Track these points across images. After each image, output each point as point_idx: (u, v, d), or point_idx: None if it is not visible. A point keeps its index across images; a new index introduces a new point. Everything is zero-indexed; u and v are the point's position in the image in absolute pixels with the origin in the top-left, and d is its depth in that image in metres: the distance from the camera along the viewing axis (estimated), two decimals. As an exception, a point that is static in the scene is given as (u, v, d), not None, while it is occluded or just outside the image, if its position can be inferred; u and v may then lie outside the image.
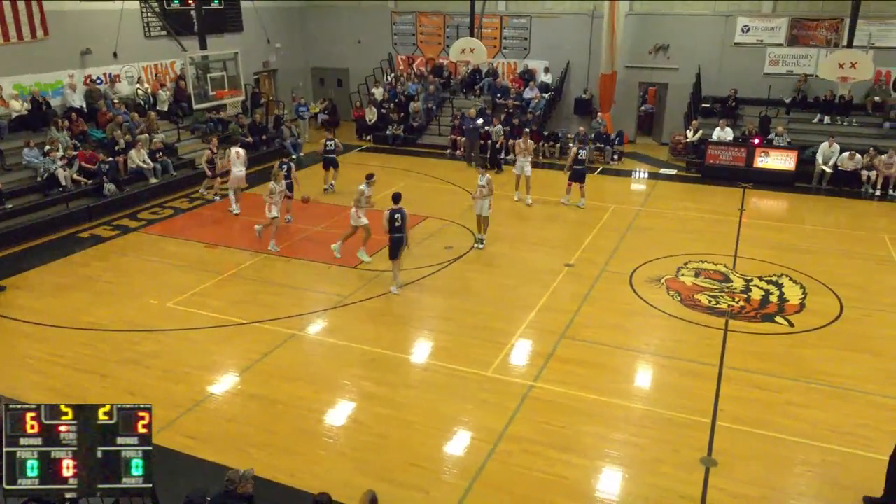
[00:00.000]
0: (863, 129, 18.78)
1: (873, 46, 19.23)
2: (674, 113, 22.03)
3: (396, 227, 11.14)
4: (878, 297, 11.33)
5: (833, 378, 8.90)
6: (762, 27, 20.72)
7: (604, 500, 6.83)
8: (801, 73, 20.32)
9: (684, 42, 21.42)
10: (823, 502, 6.78)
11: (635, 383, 9.00)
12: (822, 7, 19.99)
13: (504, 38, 23.81)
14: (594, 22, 21.90)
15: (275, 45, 24.72)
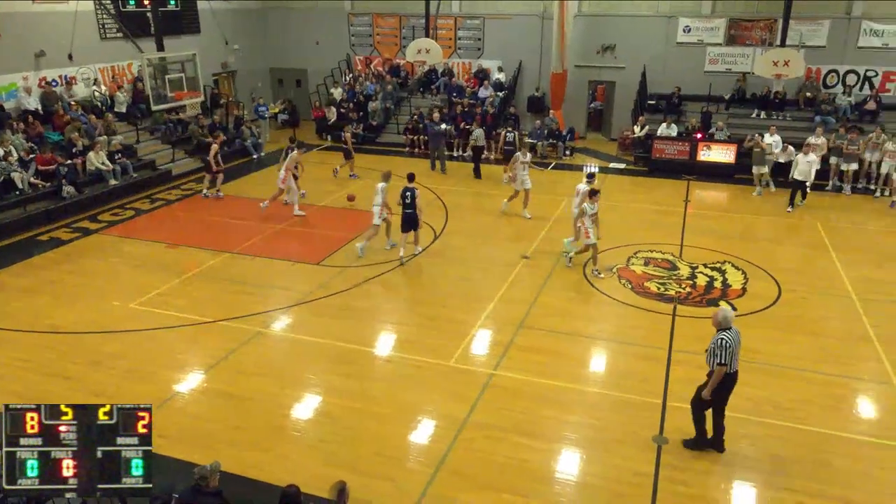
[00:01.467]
0: (796, 122, 19.36)
1: (804, 45, 19.86)
2: (621, 110, 22.37)
3: (407, 203, 11.99)
4: (813, 281, 11.74)
5: (773, 357, 9.20)
6: (702, 27, 21.18)
7: (564, 481, 6.93)
8: (738, 70, 20.84)
9: (630, 42, 21.76)
10: (765, 473, 7.01)
11: (591, 368, 9.15)
12: (756, 8, 20.53)
13: (458, 38, 23.82)
14: (544, 23, 22.07)
15: (233, 46, 24.22)
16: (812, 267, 12.42)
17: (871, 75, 20.02)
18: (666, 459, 7.17)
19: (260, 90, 25.22)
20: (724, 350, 6.70)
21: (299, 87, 26.21)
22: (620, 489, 6.76)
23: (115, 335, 9.75)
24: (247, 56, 25.05)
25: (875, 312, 10.48)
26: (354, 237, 13.59)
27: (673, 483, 6.83)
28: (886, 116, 19.04)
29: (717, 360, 6.76)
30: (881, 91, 19.85)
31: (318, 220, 14.90)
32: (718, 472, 7.01)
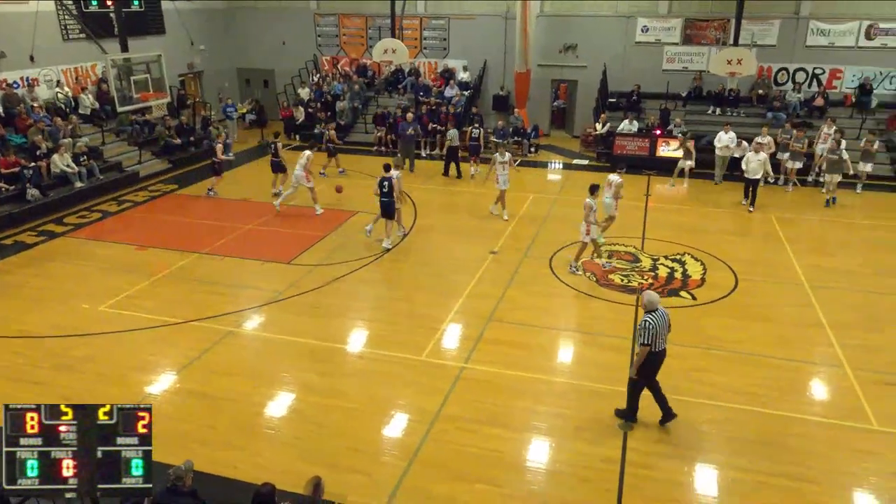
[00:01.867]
0: (749, 118, 19.80)
1: (756, 44, 20.32)
2: (584, 108, 22.59)
3: (384, 192, 12.44)
4: (768, 270, 12.04)
5: (731, 344, 9.41)
6: (659, 27, 21.50)
7: (534, 469, 7.00)
8: (695, 69, 21.21)
9: (591, 42, 21.97)
10: (725, 455, 7.17)
11: (558, 359, 9.24)
12: (710, 8, 20.90)
13: (424, 38, 23.77)
14: (508, 23, 22.15)
15: (199, 46, 23.79)
16: (767, 257, 12.73)
17: (818, 73, 20.58)
18: (632, 445, 7.29)
19: (227, 90, 24.83)
20: (647, 331, 7.01)
21: (267, 87, 25.87)
22: (588, 475, 6.85)
23: (85, 338, 9.52)
24: (213, 56, 24.63)
25: (825, 299, 10.80)
26: (325, 235, 13.51)
27: (638, 467, 6.95)
28: (833, 112, 19.60)
29: (641, 340, 7.08)
30: (828, 88, 20.43)
31: (288, 219, 14.74)
32: (682, 455, 7.15)
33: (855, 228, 14.48)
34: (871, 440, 7.40)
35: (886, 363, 8.92)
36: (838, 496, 6.59)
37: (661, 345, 7.19)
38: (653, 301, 7.21)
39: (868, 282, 11.52)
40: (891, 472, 6.90)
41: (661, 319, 7.13)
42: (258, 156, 20.60)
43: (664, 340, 7.22)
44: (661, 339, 7.15)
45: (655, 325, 7.04)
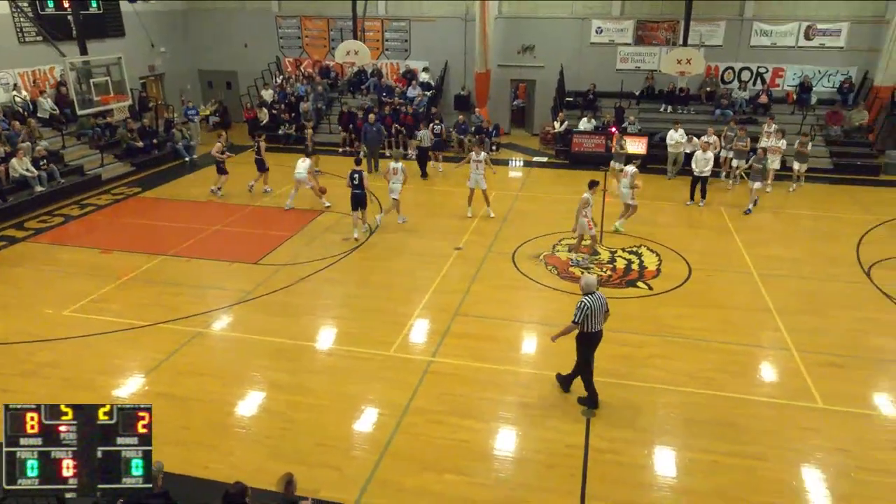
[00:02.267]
0: (699, 115, 20.23)
1: (704, 45, 20.78)
2: (542, 107, 22.77)
3: (355, 184, 12.82)
4: (719, 261, 12.34)
5: (686, 331, 9.63)
6: (613, 28, 21.79)
7: (501, 458, 7.05)
8: (647, 69, 21.57)
9: (548, 43, 22.16)
10: (683, 437, 7.34)
11: (522, 350, 9.32)
12: (661, 10, 21.29)
13: (386, 40, 23.63)
14: (467, 25, 22.18)
15: (159, 49, 23.21)
16: (718, 248, 13.04)
17: (762, 71, 21.15)
18: (595, 430, 7.40)
19: (189, 92, 24.29)
20: (580, 311, 7.37)
21: (230, 88, 25.38)
22: (553, 461, 6.93)
23: (49, 343, 9.22)
24: (174, 58, 24.07)
25: (773, 286, 11.12)
26: (292, 235, 13.35)
27: (601, 452, 7.06)
28: (776, 109, 20.21)
29: (574, 318, 7.43)
30: (772, 86, 21.02)
31: (254, 220, 14.52)
32: (642, 439, 7.29)
33: (799, 219, 14.94)
34: (817, 418, 7.66)
35: (829, 345, 9.24)
36: (787, 471, 6.81)
37: (595, 326, 7.49)
38: (589, 284, 7.52)
39: (811, 269, 11.91)
40: (835, 447, 7.16)
41: (596, 302, 7.41)
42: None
43: (599, 323, 7.50)
44: (595, 321, 7.44)
45: (590, 307, 7.33)
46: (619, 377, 8.41)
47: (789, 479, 6.69)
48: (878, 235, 13.66)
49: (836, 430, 7.44)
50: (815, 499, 6.47)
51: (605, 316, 7.61)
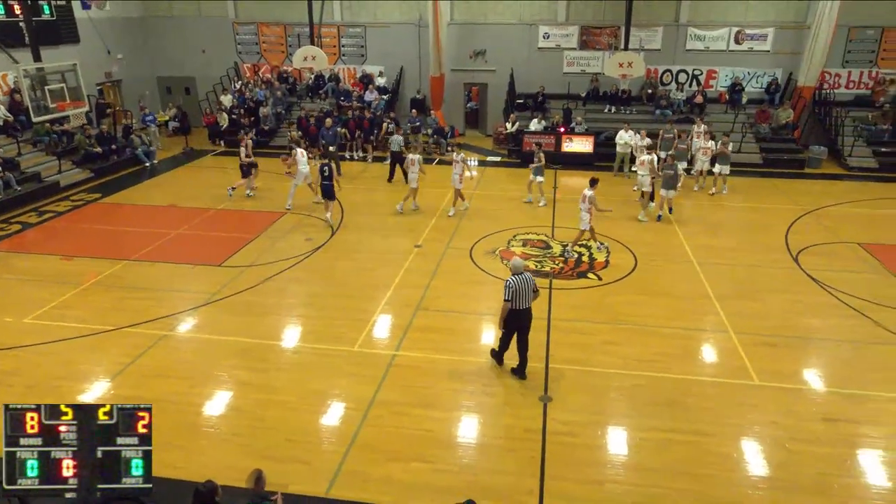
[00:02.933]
0: (640, 115, 20.70)
1: (644, 49, 21.24)
2: (494, 108, 22.92)
3: (325, 175, 13.42)
4: (663, 251, 12.65)
5: (634, 318, 9.85)
6: (559, 34, 22.06)
7: (464, 444, 7.09)
8: (591, 72, 21.94)
9: (498, 47, 22.29)
10: (635, 418, 7.52)
11: (481, 342, 9.35)
12: (603, 16, 21.65)
13: (342, 45, 23.38)
14: (421, 30, 22.13)
15: (116, 55, 22.42)
16: (661, 239, 13.36)
17: (697, 74, 21.75)
18: (552, 415, 7.50)
19: (147, 98, 23.54)
20: (508, 290, 7.78)
21: (189, 94, 24.69)
22: (514, 445, 7.00)
23: (10, 352, 8.82)
24: (131, 65, 23.28)
25: (711, 274, 11.47)
26: (255, 237, 13.10)
27: (559, 435, 7.17)
28: (711, 108, 20.84)
29: (504, 297, 7.81)
30: (706, 87, 21.65)
31: (217, 223, 14.18)
32: (596, 421, 7.43)
33: (733, 211, 15.44)
34: (754, 394, 7.95)
35: (763, 327, 9.59)
36: (730, 445, 7.04)
37: (524, 304, 7.88)
38: (517, 266, 7.93)
39: (746, 257, 12.33)
40: (770, 420, 7.44)
41: (523, 283, 7.81)
42: (183, 162, 19.69)
43: (527, 301, 7.89)
44: (522, 299, 7.83)
45: (517, 286, 7.74)
46: (574, 363, 8.55)
47: (731, 452, 6.93)
48: (804, 224, 14.24)
49: (771, 405, 7.73)
50: (753, 469, 6.71)
51: (534, 295, 7.96)
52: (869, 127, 19.80)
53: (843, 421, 7.43)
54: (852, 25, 20.28)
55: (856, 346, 9.12)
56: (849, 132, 19.65)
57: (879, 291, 10.77)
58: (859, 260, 12.20)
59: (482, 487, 6.37)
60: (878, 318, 9.82)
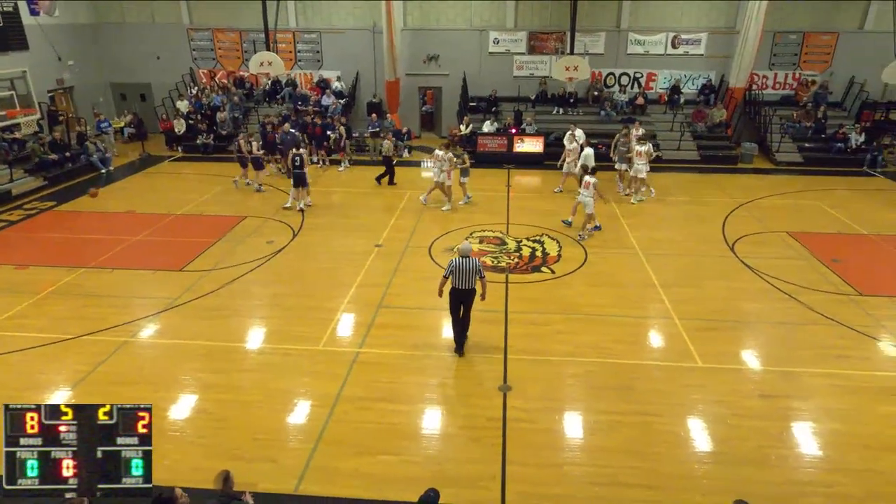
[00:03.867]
0: (587, 117, 21.07)
1: (588, 53, 21.62)
2: (449, 111, 22.94)
3: (297, 165, 14.25)
4: (610, 243, 12.92)
5: (586, 308, 10.04)
6: (508, 39, 22.25)
7: (429, 435, 7.09)
8: (540, 75, 22.21)
9: (450, 52, 22.32)
10: (588, 402, 7.67)
11: (442, 336, 9.34)
12: (549, 22, 21.95)
13: (298, 51, 23.00)
14: (375, 36, 21.97)
15: (67, 62, 21.48)
16: (609, 232, 13.64)
17: (638, 76, 22.28)
18: (511, 403, 7.58)
19: (101, 105, 22.66)
20: (449, 267, 8.33)
21: (144, 100, 23.85)
22: (476, 434, 7.05)
23: (-36, 364, 8.36)
24: (84, 71, 22.34)
25: (656, 264, 11.79)
26: (216, 241, 12.78)
27: (518, 422, 7.25)
28: (652, 109, 21.40)
29: (444, 273, 8.40)
30: (647, 89, 22.21)
31: (176, 228, 13.76)
32: (553, 407, 7.54)
33: (674, 205, 15.89)
34: (698, 376, 8.21)
35: (704, 312, 9.92)
36: (677, 423, 7.26)
37: (463, 284, 8.30)
38: (463, 250, 8.39)
39: (686, 247, 12.72)
40: (713, 399, 7.71)
41: (465, 264, 8.24)
42: (140, 168, 19.04)
43: (466, 282, 8.29)
44: (461, 279, 8.27)
45: (457, 266, 8.23)
46: (531, 353, 8.65)
47: (678, 430, 7.14)
48: (738, 216, 14.78)
49: (713, 385, 8.00)
50: (699, 444, 6.94)
51: (477, 279, 8.33)
52: (794, 125, 20.69)
53: (778, 396, 7.76)
54: (777, 31, 21.15)
55: (787, 327, 9.54)
56: (776, 130, 20.50)
57: (806, 276, 11.28)
58: (788, 247, 12.74)
59: (447, 476, 6.39)
60: (807, 301, 10.29)
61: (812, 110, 20.72)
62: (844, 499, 6.18)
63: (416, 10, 22.08)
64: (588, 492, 6.24)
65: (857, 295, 10.56)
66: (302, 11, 22.51)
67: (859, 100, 21.05)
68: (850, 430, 7.16)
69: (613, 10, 21.54)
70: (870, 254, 12.55)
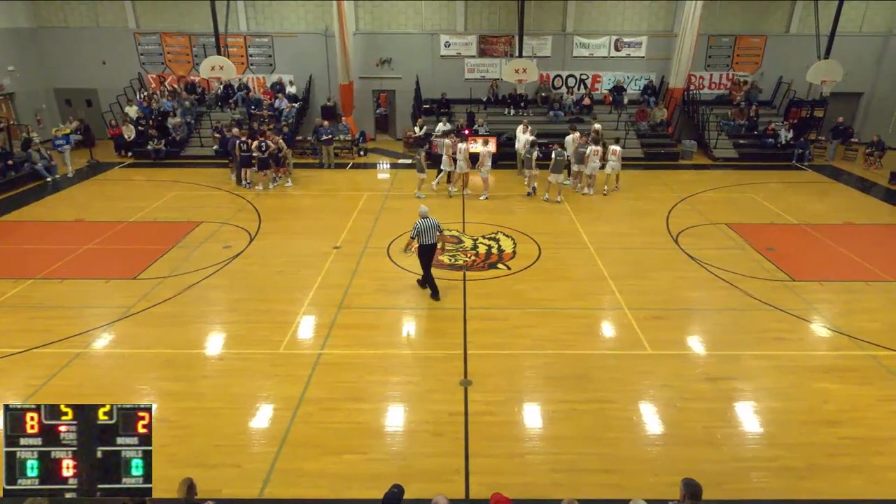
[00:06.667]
0: (537, 117, 21.39)
1: (536, 56, 21.93)
2: (403, 113, 22.90)
3: (262, 150, 15.78)
4: (562, 239, 13.15)
5: (541, 302, 10.18)
6: (459, 43, 22.35)
7: (393, 432, 7.06)
8: (490, 77, 22.41)
9: (403, 56, 22.26)
10: (546, 391, 7.78)
11: (403, 334, 9.35)
12: (499, 26, 22.15)
13: (250, 55, 22.49)
14: (328, 40, 21.71)
15: (7, 67, 20.38)
16: (561, 229, 13.88)
17: (584, 78, 22.74)
18: (472, 397, 7.62)
19: (44, 111, 21.60)
20: (415, 229, 9.89)
21: (90, 106, 22.85)
22: (439, 429, 7.06)
23: None
24: (25, 77, 21.25)
25: (606, 257, 12.06)
26: (170, 248, 12.37)
27: (480, 415, 7.29)
28: (598, 108, 21.87)
29: (411, 234, 9.98)
30: (592, 90, 22.69)
31: (127, 236, 13.25)
32: (512, 399, 7.63)
33: (622, 200, 16.29)
34: (648, 362, 8.45)
35: (652, 301, 10.21)
36: (630, 408, 7.45)
37: (429, 240, 9.92)
38: (423, 212, 10.01)
39: (634, 241, 13.06)
40: (662, 384, 7.94)
41: (428, 224, 9.86)
42: (88, 175, 18.25)
43: (431, 238, 9.91)
44: (427, 236, 9.87)
45: (422, 227, 9.82)
46: (490, 348, 8.72)
47: (631, 415, 7.33)
48: (681, 209, 15.28)
49: (662, 370, 8.25)
50: (651, 427, 7.14)
51: (439, 234, 9.96)
52: (728, 122, 21.52)
53: (722, 379, 8.07)
54: (711, 34, 21.96)
55: (729, 313, 9.92)
56: (713, 127, 21.28)
57: (745, 265, 11.76)
58: (727, 238, 13.25)
59: (413, 471, 6.38)
60: (746, 288, 10.73)
61: (745, 109, 21.60)
62: (787, 471, 6.47)
63: (367, 14, 21.92)
64: (549, 478, 6.34)
65: (790, 281, 11.08)
66: (253, 15, 22.02)
67: (787, 98, 22.07)
68: (789, 407, 7.50)
69: (559, 14, 21.92)
70: (800, 242, 13.18)
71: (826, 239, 13.22)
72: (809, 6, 20.82)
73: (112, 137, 20.76)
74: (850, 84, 21.38)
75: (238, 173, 16.92)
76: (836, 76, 19.52)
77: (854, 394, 7.79)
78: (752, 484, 6.31)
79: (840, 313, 9.92)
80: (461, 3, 21.71)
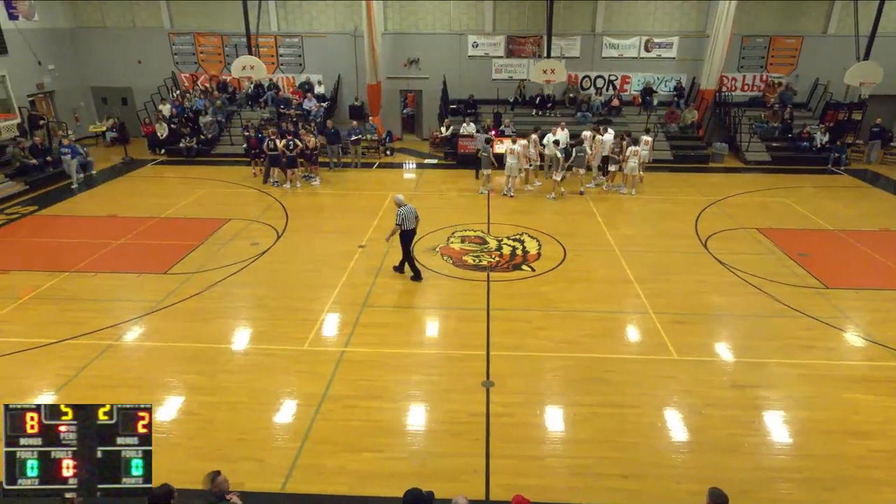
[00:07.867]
0: (564, 118, 21.16)
1: (564, 56, 21.77)
2: (429, 114, 22.96)
3: (290, 149, 16.00)
4: (588, 241, 13.04)
5: (564, 304, 10.12)
6: (487, 43, 22.32)
7: (412, 431, 7.10)
8: (518, 78, 22.32)
9: (430, 56, 22.33)
10: (565, 395, 7.73)
11: (425, 334, 9.38)
12: (527, 26, 22.07)
13: (280, 55, 22.82)
14: (357, 40, 21.90)
15: (47, 66, 21.06)
16: (586, 231, 13.76)
17: (613, 79, 22.49)
18: (494, 398, 7.62)
19: (83, 109, 22.26)
20: (399, 216, 10.47)
21: (126, 104, 23.48)
22: (459, 429, 7.07)
23: (-55, 370, 8.17)
24: (64, 76, 21.93)
25: (631, 260, 11.92)
26: (199, 244, 12.63)
27: (500, 416, 7.29)
28: (626, 110, 21.62)
29: (395, 222, 10.54)
30: (621, 91, 22.43)
31: (159, 231, 13.58)
32: (533, 401, 7.60)
33: (648, 203, 16.08)
34: (672, 367, 8.33)
35: (677, 305, 10.06)
36: (651, 414, 7.36)
37: (409, 225, 10.56)
38: (398, 200, 10.68)
39: (659, 243, 12.88)
40: (686, 390, 7.82)
41: (408, 211, 10.48)
42: (122, 172, 18.74)
43: (411, 224, 10.58)
44: (408, 222, 10.51)
45: (405, 214, 10.44)
46: (512, 349, 8.70)
47: (653, 421, 7.24)
48: (710, 213, 15.00)
49: (687, 376, 8.12)
50: (674, 434, 7.04)
51: (416, 220, 10.62)
52: (762, 125, 21.05)
53: (748, 387, 7.90)
54: (745, 34, 21.50)
55: (757, 319, 9.71)
56: (745, 130, 20.84)
57: (774, 270, 11.50)
58: (757, 243, 12.97)
59: (431, 471, 6.40)
60: (775, 294, 10.49)
61: (779, 111, 21.10)
62: (813, 483, 6.32)
63: (396, 14, 22.04)
64: (567, 482, 6.30)
65: (822, 288, 10.79)
66: (283, 15, 22.34)
67: (823, 101, 21.49)
68: (817, 417, 7.32)
69: (588, 15, 21.72)
70: (834, 248, 12.83)
71: (861, 245, 12.85)
72: (848, 6, 20.25)
73: (146, 135, 21.29)
74: (889, 86, 20.69)
75: (266, 172, 17.18)
76: (875, 78, 18.94)
77: (886, 405, 7.56)
78: (777, 494, 6.17)
79: (873, 322, 9.63)
80: (489, 4, 21.68)
